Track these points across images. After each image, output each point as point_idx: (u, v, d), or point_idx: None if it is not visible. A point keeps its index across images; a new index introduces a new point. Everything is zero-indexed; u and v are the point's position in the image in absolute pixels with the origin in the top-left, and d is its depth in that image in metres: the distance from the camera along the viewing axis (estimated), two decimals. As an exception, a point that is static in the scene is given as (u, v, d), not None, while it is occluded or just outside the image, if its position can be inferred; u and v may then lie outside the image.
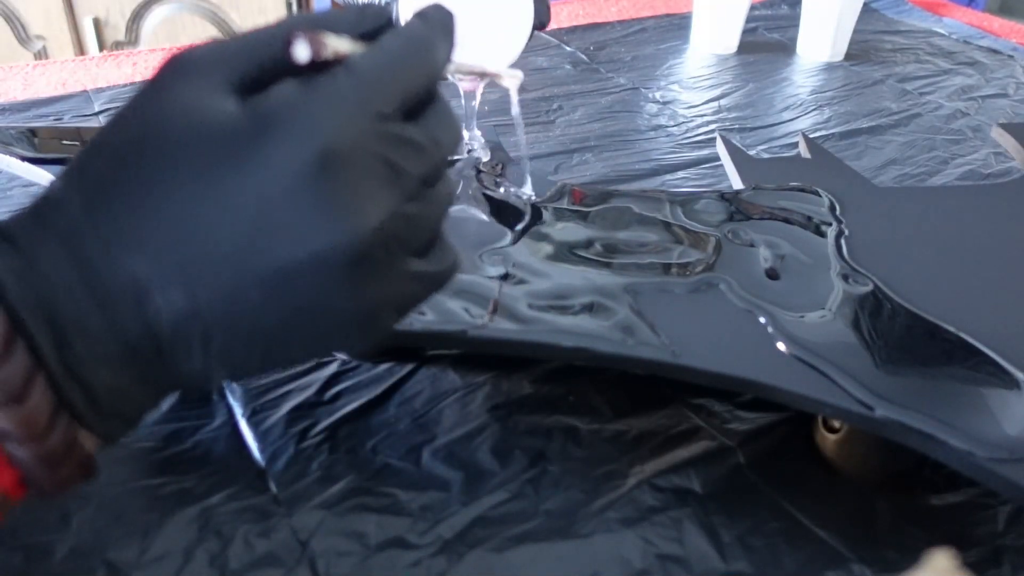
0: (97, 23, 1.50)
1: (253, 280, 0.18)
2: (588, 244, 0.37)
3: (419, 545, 0.29)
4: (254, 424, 0.33)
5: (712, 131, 0.63)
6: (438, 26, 0.21)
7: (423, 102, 0.21)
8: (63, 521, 0.29)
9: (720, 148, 0.53)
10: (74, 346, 0.17)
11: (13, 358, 0.16)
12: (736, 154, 0.51)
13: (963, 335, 0.32)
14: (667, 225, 0.39)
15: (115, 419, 0.18)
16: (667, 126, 0.64)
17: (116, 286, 0.17)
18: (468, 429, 0.34)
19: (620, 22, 0.91)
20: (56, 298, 0.17)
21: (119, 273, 0.17)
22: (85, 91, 0.67)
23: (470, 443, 0.33)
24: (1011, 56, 0.82)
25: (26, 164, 0.41)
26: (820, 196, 0.42)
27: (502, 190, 0.42)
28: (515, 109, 0.38)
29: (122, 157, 0.18)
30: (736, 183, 0.48)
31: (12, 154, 0.42)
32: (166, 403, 0.34)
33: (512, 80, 0.33)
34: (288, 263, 0.18)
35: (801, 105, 0.69)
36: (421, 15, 0.22)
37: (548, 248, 0.37)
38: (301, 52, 0.19)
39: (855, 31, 0.81)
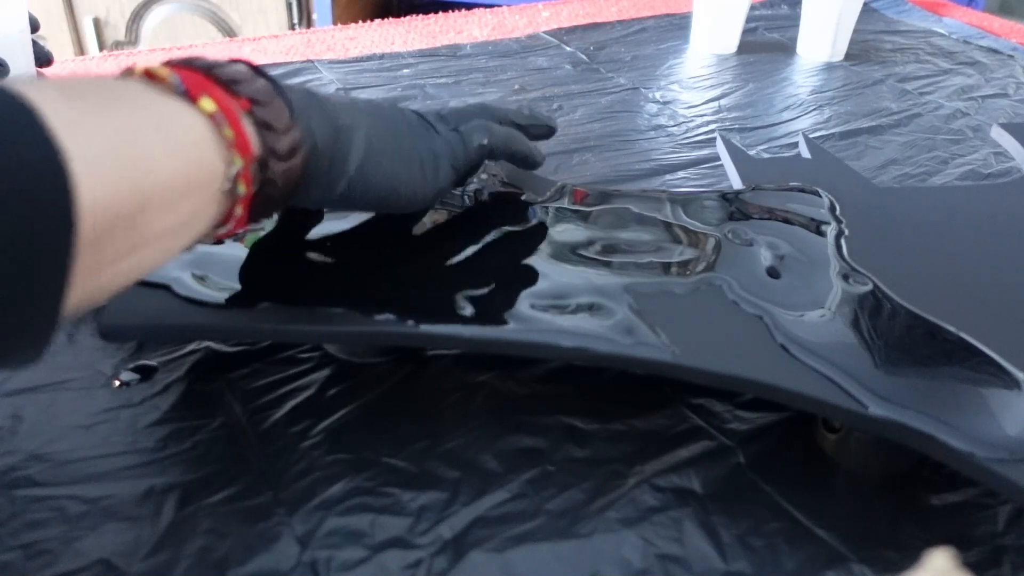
0: (97, 23, 1.50)
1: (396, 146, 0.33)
2: (588, 244, 0.37)
3: (419, 545, 0.29)
4: (254, 424, 0.33)
5: (712, 131, 0.63)
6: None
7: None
8: (63, 520, 0.29)
9: (720, 148, 0.53)
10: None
11: (293, 130, 0.28)
12: (736, 154, 0.51)
13: (963, 335, 0.32)
14: (667, 225, 0.39)
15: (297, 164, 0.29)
16: (667, 126, 0.64)
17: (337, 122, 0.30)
18: (468, 429, 0.34)
19: (620, 22, 0.91)
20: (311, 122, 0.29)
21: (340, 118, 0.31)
22: (85, 91, 0.67)
23: (470, 443, 0.33)
24: (1011, 56, 0.83)
25: None
26: (820, 196, 0.43)
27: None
28: None
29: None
30: (736, 183, 0.48)
31: None
32: (166, 402, 0.34)
33: None
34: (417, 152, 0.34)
35: (801, 105, 0.69)
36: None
37: (548, 248, 0.37)
38: None
39: (855, 31, 0.81)
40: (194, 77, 0.25)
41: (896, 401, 0.29)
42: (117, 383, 0.35)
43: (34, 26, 0.51)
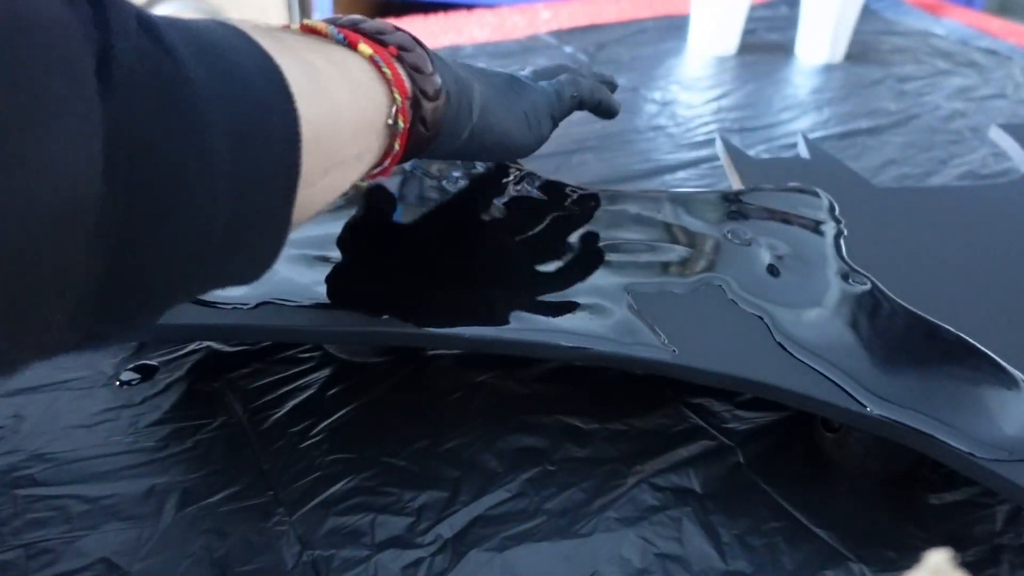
0: (96, 23, 1.50)
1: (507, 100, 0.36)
2: (588, 244, 0.37)
3: (419, 545, 0.29)
4: (254, 424, 0.34)
5: (712, 132, 0.63)
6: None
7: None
8: (64, 520, 0.29)
9: (720, 149, 0.53)
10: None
11: (435, 74, 0.30)
12: (736, 155, 0.51)
13: (962, 335, 0.32)
14: (667, 225, 0.39)
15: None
16: (666, 127, 0.64)
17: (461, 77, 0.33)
18: (468, 429, 0.34)
19: (620, 23, 0.91)
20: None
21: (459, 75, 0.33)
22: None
23: (470, 443, 0.33)
24: (1009, 57, 0.83)
25: None
26: (819, 196, 0.43)
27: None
28: None
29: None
30: (736, 184, 0.48)
31: None
32: (167, 402, 0.34)
33: None
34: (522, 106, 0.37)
35: (800, 106, 0.69)
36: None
37: (548, 248, 0.37)
38: None
39: (853, 32, 0.81)
40: (346, 30, 0.28)
41: (895, 401, 0.29)
42: (118, 383, 0.35)
43: None
